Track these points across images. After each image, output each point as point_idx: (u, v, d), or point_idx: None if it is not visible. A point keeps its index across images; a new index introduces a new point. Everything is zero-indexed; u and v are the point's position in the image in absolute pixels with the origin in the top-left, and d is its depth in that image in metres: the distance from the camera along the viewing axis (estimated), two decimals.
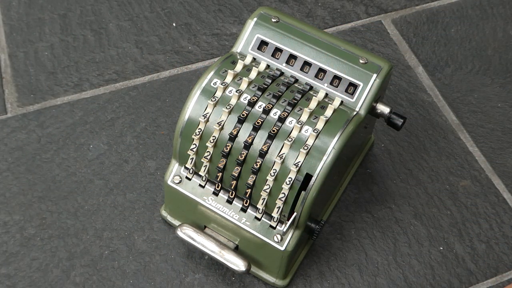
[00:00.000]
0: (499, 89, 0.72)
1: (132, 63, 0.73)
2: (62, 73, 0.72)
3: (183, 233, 0.54)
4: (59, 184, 0.63)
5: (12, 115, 0.68)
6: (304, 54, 0.54)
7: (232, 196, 0.53)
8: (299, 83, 0.54)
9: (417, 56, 0.75)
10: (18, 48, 0.74)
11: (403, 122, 0.56)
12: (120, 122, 0.68)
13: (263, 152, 0.50)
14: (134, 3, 0.79)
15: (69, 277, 0.57)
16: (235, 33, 0.76)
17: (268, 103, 0.51)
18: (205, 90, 0.52)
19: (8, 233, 0.59)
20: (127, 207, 0.61)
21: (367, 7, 0.80)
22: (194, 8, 0.79)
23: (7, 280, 0.56)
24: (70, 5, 0.78)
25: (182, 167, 0.55)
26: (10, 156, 0.64)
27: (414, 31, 0.77)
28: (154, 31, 0.76)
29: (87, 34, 0.75)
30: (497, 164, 0.66)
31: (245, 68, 0.54)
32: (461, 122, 0.69)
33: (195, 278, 0.57)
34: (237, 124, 0.51)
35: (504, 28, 0.78)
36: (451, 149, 0.67)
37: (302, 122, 0.50)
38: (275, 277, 0.56)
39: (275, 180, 0.50)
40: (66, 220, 0.60)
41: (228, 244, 0.54)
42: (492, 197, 0.64)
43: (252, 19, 0.56)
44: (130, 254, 0.58)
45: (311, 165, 0.49)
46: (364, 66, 0.53)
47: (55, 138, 0.66)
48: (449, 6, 0.80)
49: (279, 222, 0.52)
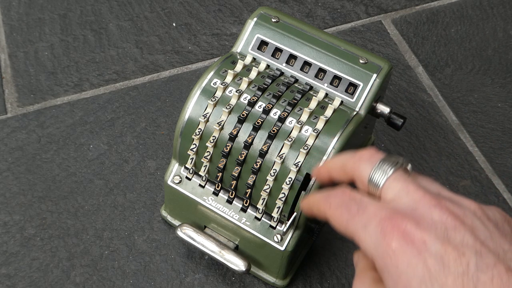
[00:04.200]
0: (499, 89, 0.72)
1: (132, 63, 0.73)
2: (62, 73, 0.72)
3: (183, 233, 0.54)
4: (59, 184, 0.63)
5: (12, 115, 0.68)
6: (304, 54, 0.54)
7: (232, 196, 0.54)
8: (299, 83, 0.54)
9: (417, 56, 0.75)
10: (18, 48, 0.74)
11: (403, 122, 0.56)
12: (120, 122, 0.68)
13: (263, 152, 0.50)
14: (134, 3, 0.79)
15: (69, 277, 0.57)
16: (235, 33, 0.76)
17: (268, 103, 0.51)
18: (205, 90, 0.52)
19: (8, 233, 0.59)
20: (127, 207, 0.61)
21: (367, 7, 0.80)
22: (194, 8, 0.79)
23: (7, 280, 0.57)
24: (70, 5, 0.78)
25: (182, 167, 0.55)
26: (10, 156, 0.64)
27: (414, 31, 0.77)
28: (154, 31, 0.76)
29: (87, 34, 0.75)
30: (497, 164, 0.66)
31: (245, 68, 0.54)
32: (461, 122, 0.69)
33: (195, 278, 0.57)
34: (237, 124, 0.51)
35: (504, 28, 0.78)
36: (451, 149, 0.67)
37: (302, 122, 0.50)
38: (275, 277, 0.56)
39: (275, 180, 0.50)
40: (66, 220, 0.60)
41: (228, 244, 0.55)
42: (492, 197, 0.64)
43: (252, 19, 0.56)
44: (130, 254, 0.58)
45: (311, 165, 0.49)
46: (364, 66, 0.53)
47: (55, 138, 0.66)
48: (449, 6, 0.80)
49: (279, 222, 0.52)
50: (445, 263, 0.31)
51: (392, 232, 0.32)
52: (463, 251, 0.31)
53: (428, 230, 0.32)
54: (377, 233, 0.33)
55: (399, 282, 0.32)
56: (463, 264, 0.31)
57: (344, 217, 0.36)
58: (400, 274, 0.32)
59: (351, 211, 0.35)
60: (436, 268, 0.31)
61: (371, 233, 0.33)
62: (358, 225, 0.35)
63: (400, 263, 0.32)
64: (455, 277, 0.31)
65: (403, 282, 0.32)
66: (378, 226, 0.33)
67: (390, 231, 0.33)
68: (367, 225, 0.34)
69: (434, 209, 0.33)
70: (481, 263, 0.31)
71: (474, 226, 0.33)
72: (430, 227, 0.32)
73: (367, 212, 0.35)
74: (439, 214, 0.33)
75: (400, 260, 0.32)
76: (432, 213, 0.33)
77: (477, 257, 0.31)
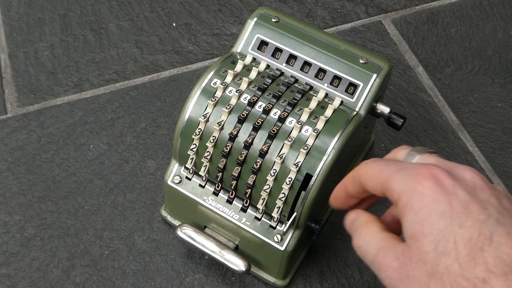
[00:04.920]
0: (499, 89, 0.72)
1: (132, 63, 0.73)
2: (62, 73, 0.72)
3: (183, 233, 0.54)
4: (59, 184, 0.63)
5: (12, 115, 0.68)
6: (304, 54, 0.54)
7: (232, 196, 0.54)
8: (299, 83, 0.54)
9: (417, 56, 0.75)
10: (18, 48, 0.74)
11: (403, 122, 0.56)
12: (120, 122, 0.68)
13: (263, 152, 0.50)
14: (134, 3, 0.79)
15: (69, 277, 0.57)
16: (235, 33, 0.76)
17: (268, 103, 0.51)
18: (205, 90, 0.52)
19: (8, 233, 0.59)
20: (127, 207, 0.61)
21: (367, 7, 0.80)
22: (194, 8, 0.79)
23: (7, 280, 0.57)
24: (70, 5, 0.78)
25: (182, 167, 0.55)
26: (10, 156, 0.64)
27: (414, 31, 0.77)
28: (154, 31, 0.76)
29: (87, 34, 0.75)
30: (497, 164, 0.66)
31: (245, 68, 0.54)
32: (461, 122, 0.69)
33: (195, 278, 0.57)
34: (237, 124, 0.51)
35: (504, 28, 0.78)
36: (451, 149, 0.67)
37: (302, 122, 0.50)
38: (275, 277, 0.56)
39: (275, 180, 0.50)
40: (66, 220, 0.60)
41: (228, 244, 0.55)
42: None
43: (252, 19, 0.56)
44: (130, 254, 0.58)
45: (311, 165, 0.49)
46: (364, 66, 0.53)
47: (55, 138, 0.66)
48: (449, 6, 0.80)
49: (279, 222, 0.52)
50: (469, 209, 0.32)
51: (426, 174, 0.34)
52: (487, 207, 0.33)
53: (459, 182, 0.34)
54: (411, 175, 0.34)
55: (419, 214, 0.33)
56: (484, 215, 0.32)
57: (380, 166, 0.37)
58: (422, 207, 0.33)
59: (388, 162, 0.37)
60: (460, 210, 0.32)
61: (405, 174, 0.35)
62: (393, 169, 0.36)
63: (426, 198, 0.33)
64: (474, 221, 0.32)
65: (424, 214, 0.33)
66: (413, 169, 0.35)
67: (424, 173, 0.34)
68: (403, 168, 0.35)
69: (467, 171, 0.35)
70: (502, 220, 0.32)
71: (500, 196, 0.34)
72: (461, 181, 0.34)
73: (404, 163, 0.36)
74: (471, 175, 0.35)
75: (427, 195, 0.33)
76: (464, 173, 0.35)
77: (498, 214, 0.32)
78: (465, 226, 0.32)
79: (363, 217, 0.39)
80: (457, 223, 0.32)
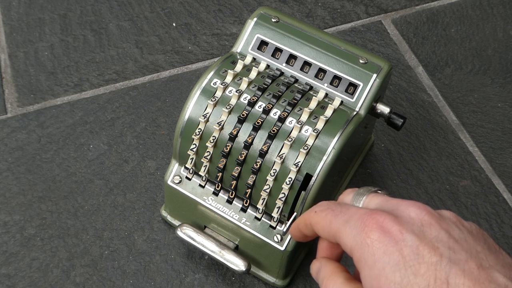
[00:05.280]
0: (499, 89, 0.72)
1: (132, 63, 0.73)
2: (62, 73, 0.72)
3: (183, 233, 0.54)
4: (59, 184, 0.63)
5: (12, 115, 0.68)
6: (304, 54, 0.54)
7: (232, 196, 0.54)
8: (299, 83, 0.54)
9: (417, 56, 0.75)
10: (18, 48, 0.74)
11: (403, 122, 0.56)
12: (120, 122, 0.68)
13: (263, 152, 0.50)
14: (134, 3, 0.79)
15: (69, 277, 0.57)
16: (235, 33, 0.76)
17: (268, 103, 0.51)
18: (205, 90, 0.52)
19: (8, 233, 0.59)
20: (127, 207, 0.61)
21: (367, 7, 0.80)
22: (194, 8, 0.79)
23: (7, 280, 0.57)
24: (70, 5, 0.78)
25: (182, 167, 0.55)
26: (10, 156, 0.64)
27: (414, 31, 0.77)
28: (154, 31, 0.76)
29: (87, 34, 0.75)
30: (497, 164, 0.66)
31: (245, 68, 0.54)
32: (461, 122, 0.69)
33: (195, 278, 0.57)
34: (237, 124, 0.51)
35: (504, 28, 0.78)
36: (451, 149, 0.67)
37: (302, 122, 0.50)
38: (275, 277, 0.56)
39: (275, 180, 0.50)
40: (66, 220, 0.60)
41: (228, 244, 0.55)
42: (492, 197, 0.64)
43: (252, 19, 0.56)
44: (130, 254, 0.58)
45: (311, 165, 0.49)
46: (364, 66, 0.53)
47: (55, 138, 0.66)
48: (449, 6, 0.80)
49: (279, 222, 0.52)
50: (420, 253, 0.32)
51: (372, 225, 0.34)
52: (437, 245, 0.33)
53: (405, 225, 0.34)
54: (358, 227, 0.35)
55: (374, 269, 0.33)
56: (436, 256, 0.32)
57: (328, 217, 0.37)
58: (376, 261, 0.33)
59: (334, 211, 0.37)
60: (411, 257, 0.32)
61: (352, 227, 0.35)
62: (341, 221, 0.36)
63: (377, 251, 0.33)
64: (428, 266, 0.32)
65: (378, 268, 0.33)
66: (358, 220, 0.35)
67: (369, 224, 0.34)
68: (349, 220, 0.35)
69: (412, 207, 0.35)
70: (454, 257, 0.32)
71: (449, 228, 0.34)
72: (408, 222, 0.34)
73: (350, 211, 0.36)
74: (417, 212, 0.35)
75: (377, 248, 0.33)
76: (410, 211, 0.35)
77: (450, 251, 0.32)
78: (419, 274, 0.32)
79: (327, 267, 0.39)
80: (411, 272, 0.32)
